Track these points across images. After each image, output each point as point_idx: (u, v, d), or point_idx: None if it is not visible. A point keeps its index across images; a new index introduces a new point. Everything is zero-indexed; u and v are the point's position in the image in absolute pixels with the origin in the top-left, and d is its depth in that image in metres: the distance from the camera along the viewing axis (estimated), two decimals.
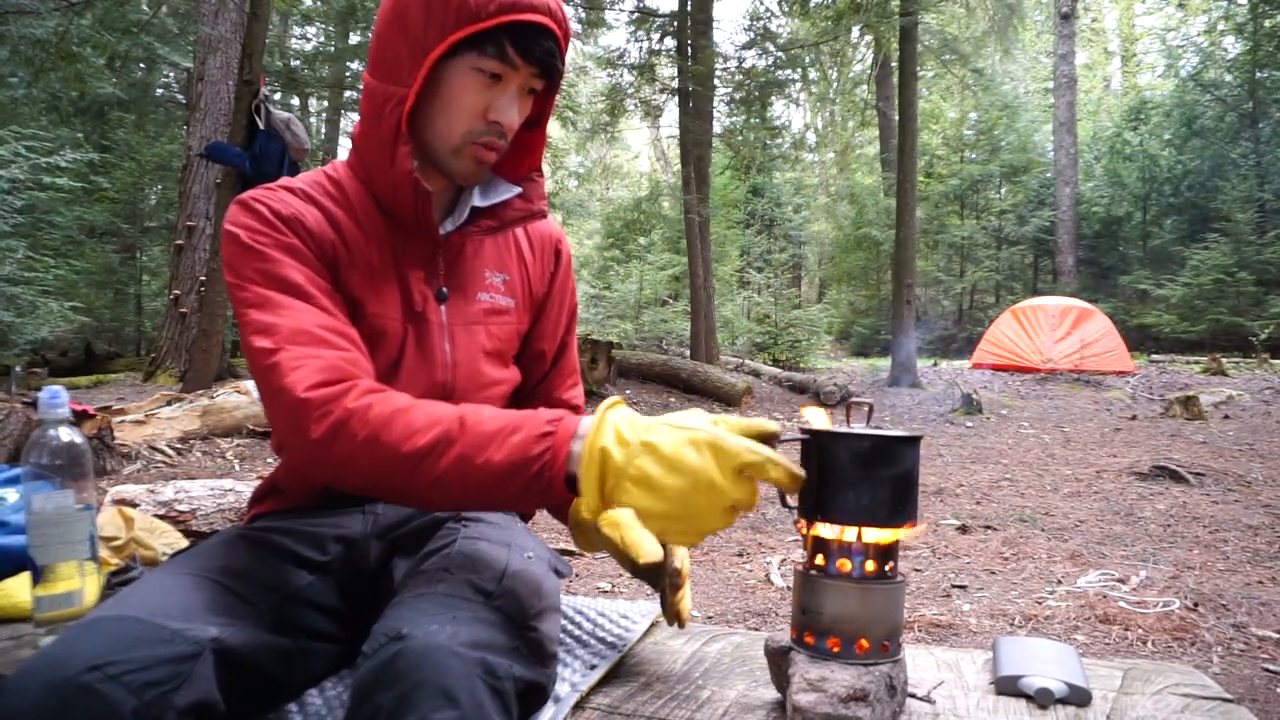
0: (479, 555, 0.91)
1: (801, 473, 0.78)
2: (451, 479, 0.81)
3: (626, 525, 0.77)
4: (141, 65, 11.02)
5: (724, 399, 8.35)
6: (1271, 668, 2.20)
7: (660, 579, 0.99)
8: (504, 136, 0.98)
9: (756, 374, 10.28)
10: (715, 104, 10.84)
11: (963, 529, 3.80)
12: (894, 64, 13.16)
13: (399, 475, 0.82)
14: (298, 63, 11.21)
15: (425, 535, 1.02)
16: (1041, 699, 0.92)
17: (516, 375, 1.14)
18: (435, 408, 0.84)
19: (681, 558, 1.02)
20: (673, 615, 1.03)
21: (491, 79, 0.94)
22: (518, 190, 1.08)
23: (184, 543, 1.50)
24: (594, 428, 0.79)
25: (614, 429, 0.79)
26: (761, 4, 11.32)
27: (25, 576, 1.14)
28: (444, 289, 1.05)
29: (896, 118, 11.92)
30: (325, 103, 14.51)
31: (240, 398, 4.95)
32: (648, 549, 0.86)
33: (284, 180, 1.02)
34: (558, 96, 1.08)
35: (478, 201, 1.06)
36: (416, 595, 0.80)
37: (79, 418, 3.75)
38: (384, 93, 0.94)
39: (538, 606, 0.87)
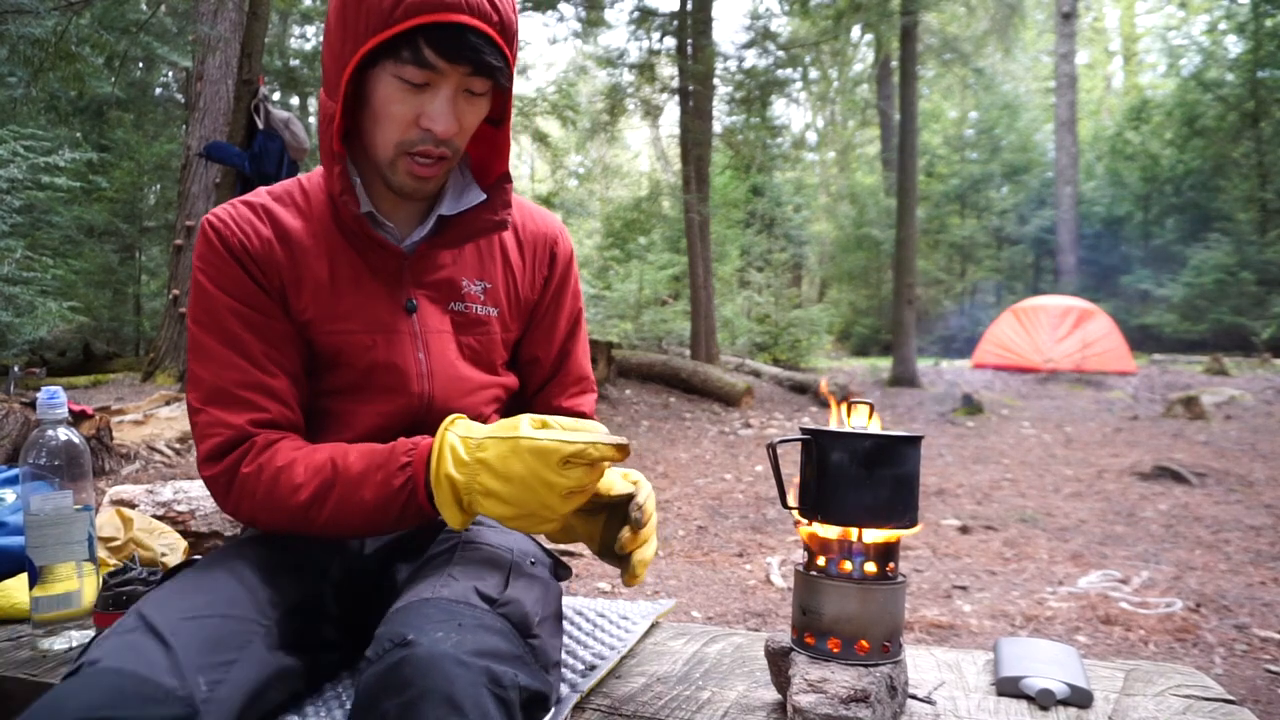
0: (483, 560, 0.90)
1: (624, 440, 0.83)
2: (338, 519, 0.90)
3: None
4: (140, 65, 11.01)
5: (724, 399, 8.35)
6: (1274, 669, 2.20)
7: (625, 561, 0.92)
8: (445, 144, 0.93)
9: (757, 374, 10.28)
10: (715, 103, 10.83)
11: (964, 529, 3.79)
12: (894, 63, 13.17)
13: (298, 522, 0.92)
14: (297, 62, 11.20)
15: (427, 539, 1.00)
16: (1043, 700, 0.91)
17: (510, 380, 1.11)
18: (313, 458, 0.92)
19: (646, 495, 0.92)
20: (627, 563, 0.91)
21: (418, 85, 0.89)
22: (483, 197, 1.03)
23: (182, 543, 1.50)
24: (435, 456, 0.87)
25: (451, 453, 0.86)
26: (762, 3, 11.34)
27: (24, 577, 1.14)
28: (413, 300, 1.02)
29: (897, 117, 11.93)
30: None
31: None
32: (619, 487, 0.92)
33: (252, 193, 1.01)
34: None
35: (446, 210, 1.02)
36: (421, 601, 0.80)
37: (77, 418, 3.75)
38: (325, 108, 0.93)
39: (541, 614, 0.86)
